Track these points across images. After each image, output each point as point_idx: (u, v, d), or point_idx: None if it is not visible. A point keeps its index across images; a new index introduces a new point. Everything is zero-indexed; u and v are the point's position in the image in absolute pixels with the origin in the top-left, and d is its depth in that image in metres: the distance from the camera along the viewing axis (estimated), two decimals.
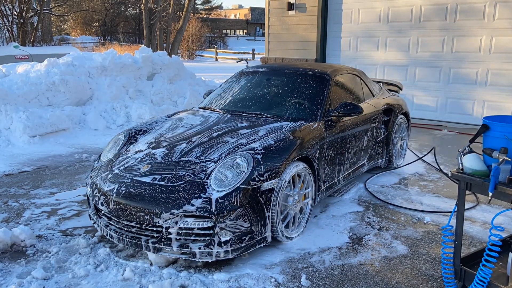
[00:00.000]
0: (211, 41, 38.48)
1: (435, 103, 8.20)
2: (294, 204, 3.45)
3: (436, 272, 3.06)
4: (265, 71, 4.84)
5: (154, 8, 24.16)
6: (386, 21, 8.63)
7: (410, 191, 4.67)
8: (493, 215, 3.37)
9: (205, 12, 48.21)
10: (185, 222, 2.97)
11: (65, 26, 39.38)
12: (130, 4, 39.29)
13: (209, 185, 3.10)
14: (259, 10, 56.03)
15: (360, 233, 3.65)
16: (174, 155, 3.46)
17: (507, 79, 7.33)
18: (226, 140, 3.58)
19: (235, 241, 3.01)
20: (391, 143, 5.26)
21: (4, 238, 3.31)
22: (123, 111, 7.78)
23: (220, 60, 28.97)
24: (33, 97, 7.11)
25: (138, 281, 2.91)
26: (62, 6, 31.12)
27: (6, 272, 3.03)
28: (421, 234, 3.65)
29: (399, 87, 6.36)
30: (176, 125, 4.10)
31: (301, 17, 9.73)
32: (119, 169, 3.48)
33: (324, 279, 2.97)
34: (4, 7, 18.31)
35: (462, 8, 7.65)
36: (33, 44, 19.15)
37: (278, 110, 4.24)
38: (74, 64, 7.94)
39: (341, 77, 4.71)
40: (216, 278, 2.95)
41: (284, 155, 3.34)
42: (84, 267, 3.05)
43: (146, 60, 8.89)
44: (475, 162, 2.48)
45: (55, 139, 6.67)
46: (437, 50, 8.02)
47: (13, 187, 4.79)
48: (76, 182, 4.98)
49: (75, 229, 3.73)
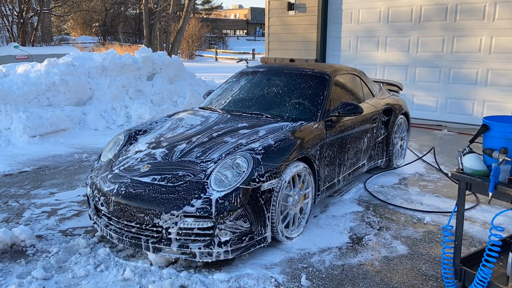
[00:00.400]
0: (211, 41, 38.48)
1: (435, 103, 8.20)
2: (294, 204, 3.45)
3: (436, 272, 3.06)
4: (265, 71, 4.84)
5: (154, 8, 24.17)
6: (386, 21, 8.63)
7: (410, 191, 4.67)
8: (493, 215, 3.37)
9: (205, 12, 48.22)
10: (185, 222, 2.97)
11: (65, 26, 39.39)
12: (130, 4, 39.30)
13: (209, 185, 3.10)
14: (259, 10, 56.03)
15: (360, 233, 3.65)
16: (174, 155, 3.46)
17: (507, 79, 7.33)
18: (226, 140, 3.58)
19: (235, 241, 3.01)
20: (391, 143, 5.26)
21: (4, 238, 3.31)
22: (123, 111, 7.78)
23: (220, 60, 28.97)
24: (33, 97, 7.11)
25: (138, 281, 2.91)
26: (62, 6, 31.12)
27: (6, 272, 3.03)
28: (421, 234, 3.65)
29: (399, 87, 6.36)
30: (176, 125, 4.10)
31: (301, 17, 9.73)
32: (119, 169, 3.48)
33: (324, 279, 2.97)
34: (4, 7, 18.31)
35: (462, 8, 7.66)
36: (33, 44, 19.15)
37: (278, 110, 4.24)
38: (74, 64, 7.94)
39: (341, 77, 4.71)
40: (216, 278, 2.95)
41: (284, 155, 3.34)
42: (84, 267, 3.05)
43: (146, 60, 8.89)
44: (475, 162, 2.48)
45: (55, 139, 6.67)
46: (437, 50, 8.02)
47: (13, 187, 4.79)
48: (76, 182, 4.98)
49: (75, 229, 3.73)
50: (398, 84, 6.36)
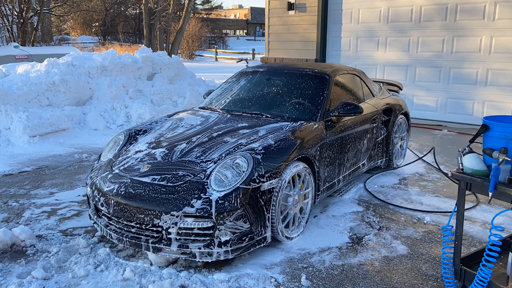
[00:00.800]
0: (211, 41, 38.47)
1: (435, 103, 8.20)
2: (294, 204, 3.45)
3: (436, 272, 3.06)
4: (265, 71, 4.84)
5: (154, 8, 24.16)
6: (386, 21, 8.63)
7: (410, 191, 4.67)
8: (493, 215, 3.37)
9: (205, 12, 48.22)
10: (185, 222, 2.97)
11: (65, 26, 39.39)
12: (130, 4, 39.30)
13: (209, 185, 3.09)
14: (259, 10, 56.04)
15: (360, 233, 3.65)
16: (174, 155, 3.46)
17: (507, 79, 7.33)
18: (226, 140, 3.58)
19: (235, 241, 3.01)
20: (391, 143, 5.26)
21: (4, 238, 3.31)
22: (123, 111, 7.78)
23: (220, 60, 28.97)
24: (33, 97, 7.11)
25: (138, 281, 2.91)
26: (62, 6, 31.15)
27: (6, 272, 3.03)
28: (421, 234, 3.65)
29: (399, 87, 6.36)
30: (176, 125, 4.10)
31: (301, 17, 9.73)
32: (119, 169, 3.48)
33: (324, 279, 2.97)
34: (4, 7, 18.31)
35: (462, 8, 7.65)
36: (33, 44, 19.15)
37: (278, 110, 4.24)
38: (74, 64, 7.94)
39: (341, 77, 4.71)
40: (216, 278, 2.95)
41: (284, 155, 3.34)
42: (84, 267, 3.05)
43: (146, 60, 8.90)
44: (475, 162, 2.48)
45: (55, 139, 6.67)
46: (437, 50, 8.02)
47: (13, 187, 4.79)
48: (76, 182, 4.98)
49: (75, 229, 3.73)
50: (398, 84, 6.36)
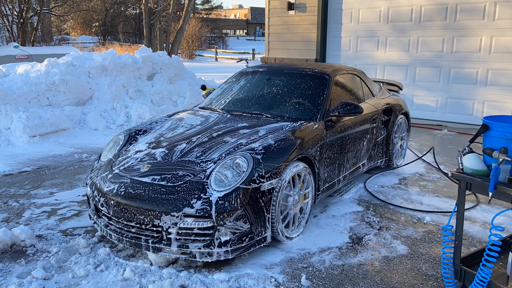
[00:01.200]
0: (211, 41, 38.47)
1: (435, 103, 8.20)
2: (294, 204, 3.45)
3: (436, 272, 3.06)
4: (265, 71, 4.84)
5: (154, 8, 24.16)
6: (386, 21, 8.63)
7: (410, 191, 4.67)
8: (493, 215, 3.37)
9: (205, 12, 48.22)
10: (185, 222, 2.97)
11: (65, 26, 39.39)
12: (130, 4, 39.29)
13: (209, 185, 3.09)
14: (259, 10, 56.04)
15: (360, 233, 3.65)
16: (174, 155, 3.46)
17: (507, 78, 7.33)
18: (226, 140, 3.58)
19: (235, 241, 3.01)
20: (391, 143, 5.26)
21: (4, 238, 3.31)
22: (123, 111, 7.78)
23: (220, 60, 28.97)
24: (33, 97, 7.11)
25: (138, 281, 2.91)
26: (62, 6, 31.14)
27: (6, 272, 3.03)
28: (421, 234, 3.65)
29: (399, 87, 6.36)
30: (176, 125, 4.10)
31: (301, 17, 9.73)
32: (119, 169, 3.48)
33: (324, 279, 2.97)
34: (4, 7, 18.31)
35: (463, 8, 7.65)
36: (33, 44, 19.16)
37: (278, 110, 4.24)
38: (74, 64, 7.94)
39: (341, 77, 4.71)
40: (216, 278, 2.95)
41: (284, 155, 3.34)
42: (84, 267, 3.05)
43: (146, 60, 8.90)
44: (475, 162, 2.48)
45: (55, 139, 6.67)
46: (438, 50, 8.02)
47: (13, 187, 4.79)
48: (76, 182, 4.98)
49: (75, 229, 3.73)
50: (398, 84, 6.36)
